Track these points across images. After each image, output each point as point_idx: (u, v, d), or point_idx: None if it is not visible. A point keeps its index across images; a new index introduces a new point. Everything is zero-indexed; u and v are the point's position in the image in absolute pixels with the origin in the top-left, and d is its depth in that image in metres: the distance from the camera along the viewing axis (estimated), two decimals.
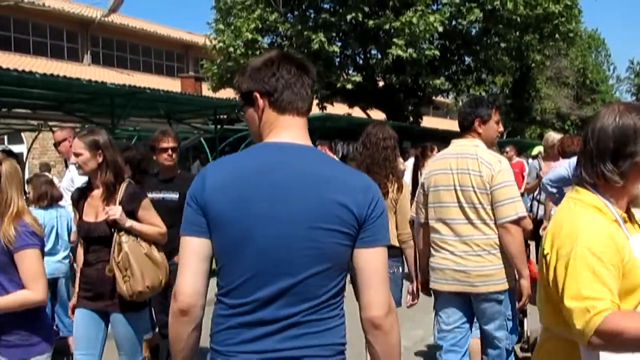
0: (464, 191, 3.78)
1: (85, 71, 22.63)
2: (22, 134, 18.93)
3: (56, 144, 6.32)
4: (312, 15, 19.80)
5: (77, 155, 3.87)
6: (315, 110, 20.36)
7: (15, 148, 19.87)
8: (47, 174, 9.88)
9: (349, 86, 19.11)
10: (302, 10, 19.99)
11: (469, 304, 3.92)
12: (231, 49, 18.77)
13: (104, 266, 3.80)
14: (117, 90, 10.44)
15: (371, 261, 1.91)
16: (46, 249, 5.68)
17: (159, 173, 5.28)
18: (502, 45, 20.82)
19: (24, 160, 18.03)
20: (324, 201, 1.87)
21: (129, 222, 3.83)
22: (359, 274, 1.92)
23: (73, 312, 4.04)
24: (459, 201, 3.80)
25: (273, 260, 1.86)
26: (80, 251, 4.09)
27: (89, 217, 3.93)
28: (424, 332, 6.12)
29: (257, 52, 18.71)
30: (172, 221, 4.93)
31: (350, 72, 20.71)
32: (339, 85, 19.02)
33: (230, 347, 1.90)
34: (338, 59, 20.79)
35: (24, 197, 3.26)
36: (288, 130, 1.97)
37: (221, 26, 19.47)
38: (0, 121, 13.70)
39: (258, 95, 1.98)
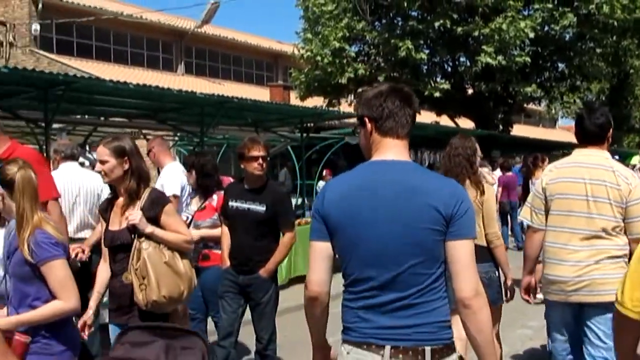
0: (598, 202, 3.77)
1: (179, 81, 23.38)
2: None
3: (148, 152, 6.59)
4: (400, 23, 19.71)
5: (102, 162, 3.76)
6: None
7: None
8: None
9: (437, 94, 18.88)
10: (389, 19, 19.93)
11: (583, 317, 3.88)
12: (318, 58, 18.92)
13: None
14: (206, 99, 10.72)
15: (459, 251, 2.35)
16: None
17: (243, 180, 5.08)
18: (598, 50, 20.02)
19: None
20: (418, 206, 2.34)
21: (150, 228, 3.68)
22: (450, 263, 2.37)
23: (82, 329, 3.77)
24: (589, 212, 3.78)
25: (380, 256, 2.36)
26: (101, 264, 3.98)
27: (113, 225, 3.83)
28: (509, 349, 5.97)
29: (344, 61, 18.82)
30: (255, 233, 4.89)
31: (438, 79, 20.46)
32: (426, 93, 18.81)
33: (357, 323, 2.41)
34: (425, 67, 20.60)
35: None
36: (389, 150, 2.46)
37: (309, 35, 19.67)
38: (98, 129, 14.33)
39: (367, 120, 2.50)
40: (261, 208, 4.85)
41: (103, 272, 3.93)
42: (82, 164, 6.63)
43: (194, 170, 5.76)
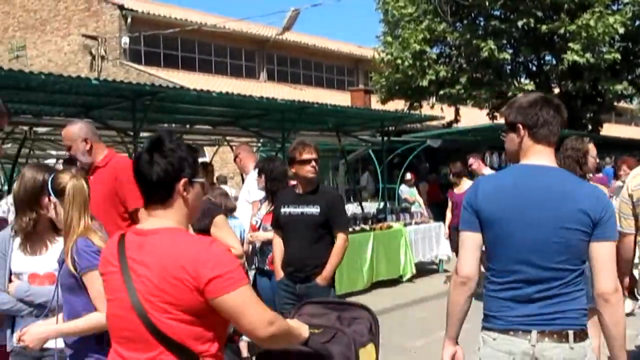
0: None
1: (261, 88, 23.76)
2: (205, 148, 20.24)
3: (235, 158, 6.74)
4: (482, 23, 19.36)
5: None
6: (485, 120, 19.85)
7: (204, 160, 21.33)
8: (222, 186, 10.48)
9: (521, 94, 18.40)
10: (471, 19, 19.61)
11: None
12: (399, 61, 18.82)
13: None
14: (287, 105, 10.87)
15: (601, 251, 2.58)
16: None
17: (295, 186, 5.04)
18: None
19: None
20: (568, 209, 2.56)
21: None
22: (593, 261, 2.60)
23: None
24: None
25: (529, 252, 2.58)
26: None
27: None
28: None
29: (425, 63, 18.64)
30: (310, 237, 4.79)
31: (522, 80, 19.97)
32: (510, 93, 18.38)
33: (504, 312, 2.64)
34: (509, 67, 20.15)
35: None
36: (539, 156, 2.67)
37: (389, 39, 19.60)
38: (184, 137, 14.73)
39: (521, 126, 2.68)
40: (315, 210, 4.78)
41: None
42: None
43: (263, 174, 5.85)
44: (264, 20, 28.40)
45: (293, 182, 5.44)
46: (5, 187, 13.94)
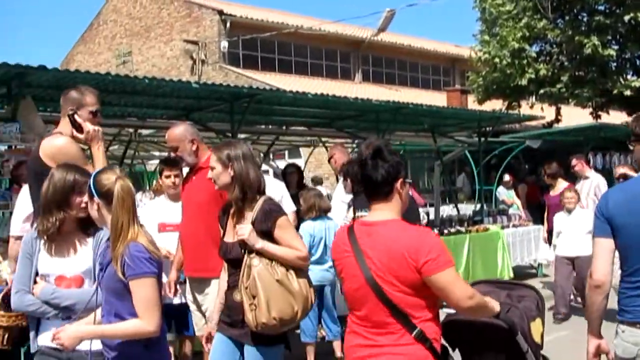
0: None
1: (357, 89, 23.81)
2: (300, 149, 20.49)
3: (329, 159, 6.79)
4: (585, 19, 18.61)
5: (211, 168, 3.70)
6: (588, 120, 19.07)
7: (294, 162, 21.62)
8: (317, 187, 10.60)
9: (627, 92, 17.54)
10: (573, 15, 18.89)
11: None
12: (497, 60, 18.37)
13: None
14: (382, 106, 10.85)
15: None
16: (314, 258, 6.13)
17: None
18: None
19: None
20: None
21: (260, 243, 3.46)
22: None
23: (207, 341, 3.79)
24: None
25: None
26: (222, 273, 3.90)
27: (228, 236, 3.71)
28: None
29: (524, 62, 18.11)
30: None
31: (628, 77, 19.05)
32: (615, 91, 17.59)
33: (634, 307, 2.97)
34: (614, 64, 19.26)
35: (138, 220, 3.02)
36: None
37: (486, 37, 19.17)
38: (280, 138, 14.98)
39: None
40: None
41: (223, 282, 3.81)
42: (265, 172, 6.94)
43: (349, 177, 5.83)
44: (359, 21, 28.64)
45: None
46: None
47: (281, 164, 18.97)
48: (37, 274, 3.34)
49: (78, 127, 3.89)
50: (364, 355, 2.77)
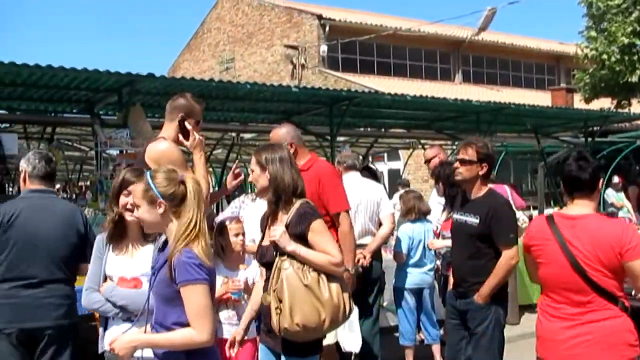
0: None
1: (457, 90, 23.46)
2: (399, 152, 20.39)
3: (426, 161, 6.71)
4: None
5: (251, 171, 3.62)
6: None
7: (393, 165, 21.54)
8: (411, 189, 10.51)
9: None
10: None
11: None
12: (605, 56, 17.59)
13: None
14: (482, 107, 10.66)
15: None
16: (412, 260, 6.10)
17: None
18: None
19: (400, 175, 19.36)
20: None
21: (292, 246, 3.32)
22: None
23: (232, 345, 3.64)
24: None
25: None
26: (258, 280, 3.85)
27: (265, 240, 3.60)
28: None
29: (635, 58, 17.27)
30: (470, 250, 4.29)
31: None
32: None
33: None
34: None
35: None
36: None
37: (593, 33, 18.38)
38: (378, 141, 14.99)
39: None
40: (475, 220, 4.27)
41: (258, 288, 3.72)
42: (369, 172, 6.92)
43: (440, 180, 5.72)
44: (459, 21, 28.19)
45: (500, 185, 5.18)
46: (216, 189, 15.02)
47: (380, 167, 18.97)
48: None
49: (186, 134, 3.97)
50: (573, 335, 3.23)
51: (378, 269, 5.65)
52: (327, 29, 24.85)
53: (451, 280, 4.68)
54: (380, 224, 5.71)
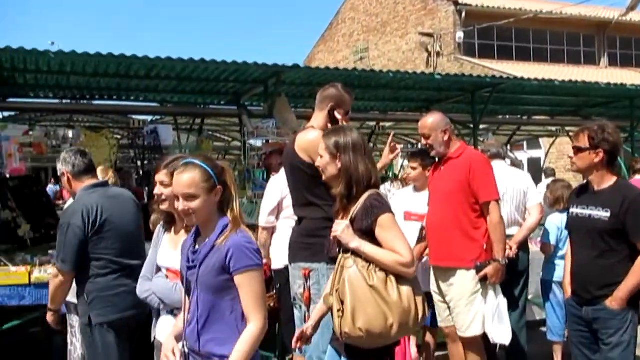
0: None
1: (602, 74, 22.26)
2: (540, 140, 19.64)
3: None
4: None
5: (320, 157, 3.33)
6: None
7: (533, 153, 20.78)
8: (559, 178, 10.09)
9: None
10: None
11: None
12: None
13: None
14: (637, 91, 10.04)
15: None
16: (561, 252, 5.79)
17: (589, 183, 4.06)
18: None
19: (541, 165, 18.63)
20: None
21: (355, 243, 3.04)
22: None
23: (298, 339, 3.35)
24: None
25: None
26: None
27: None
28: None
29: None
30: (597, 249, 3.81)
31: None
32: None
33: None
34: None
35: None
36: None
37: None
38: (521, 129, 14.51)
39: None
40: (604, 214, 3.77)
41: (329, 285, 3.44)
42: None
43: None
44: (605, 2, 26.50)
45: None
46: None
47: (520, 155, 18.35)
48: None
49: (335, 123, 3.99)
50: None
51: (525, 261, 5.52)
52: (464, 14, 24.30)
53: (568, 289, 4.15)
54: (526, 215, 5.57)
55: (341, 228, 3.07)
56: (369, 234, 3.06)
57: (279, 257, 5.27)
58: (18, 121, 9.58)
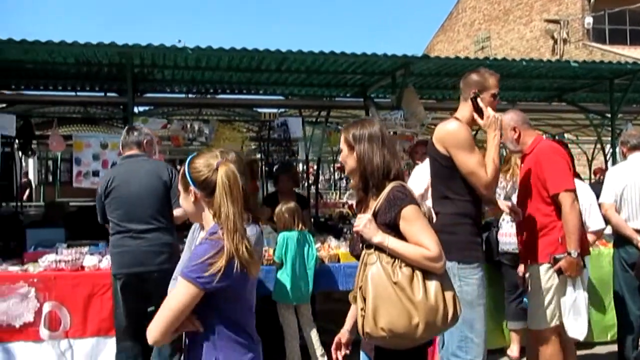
0: None
1: None
2: None
3: None
4: None
5: (340, 150, 3.19)
6: None
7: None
8: None
9: None
10: None
11: None
12: None
13: None
14: None
15: None
16: None
17: None
18: None
19: None
20: None
21: (379, 237, 2.87)
22: None
23: (338, 348, 3.16)
24: None
25: None
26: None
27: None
28: None
29: None
30: None
31: None
32: None
33: None
34: None
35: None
36: None
37: None
38: None
39: None
40: None
41: None
42: None
43: None
44: None
45: None
46: None
47: None
48: None
49: (480, 111, 3.87)
50: None
51: None
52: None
53: None
54: None
55: (363, 222, 2.92)
56: (393, 228, 2.90)
57: None
58: (153, 115, 10.04)
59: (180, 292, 2.31)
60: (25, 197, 16.98)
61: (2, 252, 6.06)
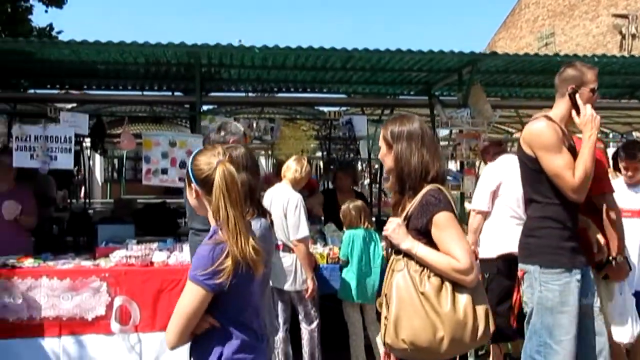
0: None
1: None
2: None
3: None
4: None
5: (379, 148, 3.03)
6: None
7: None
8: None
9: None
10: None
11: None
12: None
13: None
14: None
15: None
16: None
17: None
18: None
19: None
20: None
21: (407, 244, 2.73)
22: None
23: (387, 356, 3.00)
24: None
25: None
26: None
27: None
28: None
29: None
30: None
31: None
32: None
33: None
34: None
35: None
36: None
37: None
38: None
39: None
40: None
41: None
42: None
43: None
44: None
45: None
46: None
47: None
48: None
49: (577, 108, 3.65)
50: None
51: None
52: None
53: None
54: None
55: (392, 227, 2.80)
56: (425, 234, 2.75)
57: (489, 245, 5.21)
58: (218, 114, 10.18)
59: (190, 296, 2.35)
60: (82, 194, 17.45)
61: (73, 247, 6.25)
